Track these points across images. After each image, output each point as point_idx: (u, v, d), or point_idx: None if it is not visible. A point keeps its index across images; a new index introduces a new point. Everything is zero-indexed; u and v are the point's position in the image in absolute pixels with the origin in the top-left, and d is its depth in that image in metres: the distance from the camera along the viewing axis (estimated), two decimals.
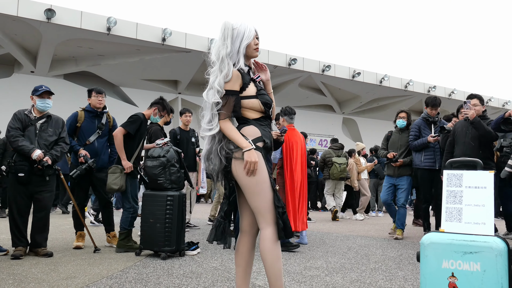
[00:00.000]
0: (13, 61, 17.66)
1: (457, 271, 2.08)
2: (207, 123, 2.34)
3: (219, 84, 2.31)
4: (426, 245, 2.17)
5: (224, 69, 2.33)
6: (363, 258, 4.56)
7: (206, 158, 2.38)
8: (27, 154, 4.23)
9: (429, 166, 5.82)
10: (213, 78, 2.35)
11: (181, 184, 4.67)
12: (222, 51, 2.35)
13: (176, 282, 3.36)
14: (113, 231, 4.95)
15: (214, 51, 2.40)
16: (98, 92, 5.00)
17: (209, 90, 2.36)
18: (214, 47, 2.41)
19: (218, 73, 2.34)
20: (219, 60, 2.35)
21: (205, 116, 2.36)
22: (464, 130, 5.07)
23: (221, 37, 2.39)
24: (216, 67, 2.36)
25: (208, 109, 2.34)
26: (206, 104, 2.36)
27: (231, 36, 2.38)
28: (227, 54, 2.35)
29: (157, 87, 20.68)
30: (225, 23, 2.40)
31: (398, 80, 23.11)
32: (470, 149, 4.93)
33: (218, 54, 2.36)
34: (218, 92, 2.31)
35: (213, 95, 2.32)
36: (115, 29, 15.54)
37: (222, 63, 2.34)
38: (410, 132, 6.13)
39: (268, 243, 2.29)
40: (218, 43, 2.40)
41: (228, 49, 2.36)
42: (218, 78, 2.32)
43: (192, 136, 6.66)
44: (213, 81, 2.34)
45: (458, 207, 2.26)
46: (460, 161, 2.48)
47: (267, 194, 2.30)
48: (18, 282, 3.28)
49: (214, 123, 2.32)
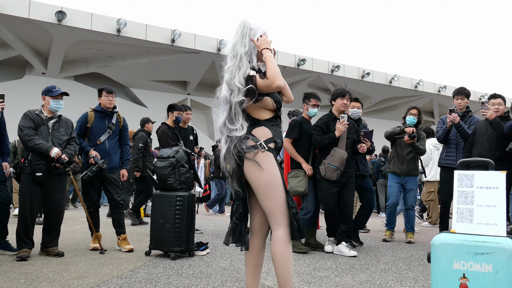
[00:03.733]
0: (25, 63, 17.88)
1: (469, 272, 2.07)
2: (230, 123, 2.32)
3: (240, 82, 2.31)
4: (437, 246, 2.15)
5: (243, 66, 2.34)
6: (372, 259, 4.54)
7: (224, 157, 2.37)
8: (44, 153, 4.24)
9: (450, 164, 5.37)
10: (230, 76, 2.35)
11: (191, 185, 4.69)
12: (240, 49, 2.37)
13: (185, 282, 3.37)
14: (124, 233, 4.90)
15: (231, 48, 2.41)
16: (108, 92, 5.02)
17: (228, 90, 2.34)
18: (230, 43, 2.43)
19: (236, 71, 2.34)
20: (237, 57, 2.36)
21: (223, 115, 2.34)
22: (483, 131, 4.99)
23: (239, 34, 2.41)
24: (233, 64, 2.36)
25: (227, 109, 2.33)
26: (224, 102, 2.35)
27: (248, 35, 2.41)
28: (245, 52, 2.37)
29: (166, 88, 20.79)
30: (244, 21, 2.43)
31: (408, 80, 22.97)
32: (486, 150, 4.85)
33: (236, 52, 2.38)
34: (239, 90, 2.30)
35: (235, 94, 2.31)
36: (124, 30, 15.67)
37: (241, 61, 2.35)
38: (436, 127, 5.69)
39: (279, 244, 2.29)
40: (235, 40, 2.41)
41: (246, 48, 2.38)
42: (237, 76, 2.32)
43: (190, 134, 6.62)
44: (230, 79, 2.34)
45: (469, 207, 2.24)
46: (471, 161, 2.45)
47: (279, 195, 2.30)
48: (30, 281, 3.32)
49: (238, 122, 2.31)
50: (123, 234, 4.87)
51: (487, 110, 4.88)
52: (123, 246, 4.77)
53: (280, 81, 2.34)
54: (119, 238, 4.86)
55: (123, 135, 5.18)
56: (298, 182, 4.94)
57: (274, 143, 2.36)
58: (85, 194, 4.96)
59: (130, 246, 4.77)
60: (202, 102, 20.97)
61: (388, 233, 6.03)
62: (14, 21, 14.47)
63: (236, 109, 2.31)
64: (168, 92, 20.63)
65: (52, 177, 4.35)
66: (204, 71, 19.38)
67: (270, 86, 2.34)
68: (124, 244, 4.80)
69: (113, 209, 4.97)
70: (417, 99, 23.86)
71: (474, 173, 2.27)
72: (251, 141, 2.31)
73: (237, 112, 2.32)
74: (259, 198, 2.33)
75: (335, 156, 4.83)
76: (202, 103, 20.96)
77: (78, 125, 4.91)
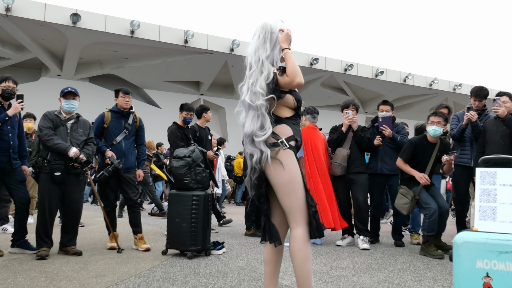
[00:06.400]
0: (41, 65, 18.14)
1: (492, 271, 2.03)
2: (259, 129, 2.29)
3: (261, 87, 2.30)
4: (459, 244, 2.12)
5: (265, 70, 2.33)
6: (390, 259, 4.50)
7: (249, 156, 2.34)
8: (63, 152, 4.30)
9: (465, 162, 5.21)
10: (253, 81, 2.34)
11: (207, 184, 4.70)
12: (262, 54, 2.36)
13: (203, 281, 3.38)
14: (141, 233, 4.93)
15: (252, 53, 2.39)
16: (125, 93, 5.06)
17: (252, 94, 2.33)
18: (251, 47, 2.41)
19: (258, 75, 2.34)
20: (259, 62, 2.35)
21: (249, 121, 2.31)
22: (495, 129, 4.89)
23: (260, 39, 2.40)
24: (255, 69, 2.35)
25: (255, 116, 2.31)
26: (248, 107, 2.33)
27: (269, 39, 2.41)
28: (267, 57, 2.37)
29: (179, 89, 20.90)
30: (264, 24, 2.42)
31: (422, 79, 22.71)
32: (501, 148, 4.74)
33: (258, 57, 2.36)
34: (261, 95, 2.30)
35: (256, 98, 2.30)
36: (138, 31, 15.79)
37: (263, 66, 2.34)
38: (450, 125, 5.50)
39: (298, 243, 2.28)
40: (257, 45, 2.40)
41: (267, 52, 2.38)
42: (259, 81, 2.31)
43: (208, 134, 6.64)
44: (253, 84, 2.33)
45: (492, 205, 2.20)
46: (493, 158, 2.42)
47: (299, 193, 2.29)
48: (50, 279, 3.36)
49: (267, 126, 2.29)
50: (140, 234, 4.91)
51: (499, 107, 4.79)
52: (140, 245, 4.81)
53: (301, 78, 2.32)
54: (136, 237, 4.90)
55: (139, 136, 5.22)
56: (404, 204, 4.85)
57: (295, 141, 2.36)
58: (101, 194, 5.00)
59: (147, 245, 4.81)
60: (215, 103, 21.02)
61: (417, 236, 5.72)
62: (30, 24, 14.69)
63: (261, 112, 2.29)
64: (181, 93, 20.73)
65: (70, 177, 4.41)
66: (217, 71, 19.42)
67: (291, 84, 2.33)
68: (141, 243, 4.83)
69: (130, 208, 5.00)
70: (432, 97, 23.58)
71: (497, 171, 2.24)
72: (272, 138, 2.31)
73: (263, 116, 2.30)
74: (279, 196, 2.32)
75: (337, 155, 5.47)
76: (215, 103, 21.01)
77: (95, 126, 4.97)
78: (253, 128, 2.29)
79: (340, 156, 5.44)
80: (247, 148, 2.34)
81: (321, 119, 6.08)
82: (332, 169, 5.50)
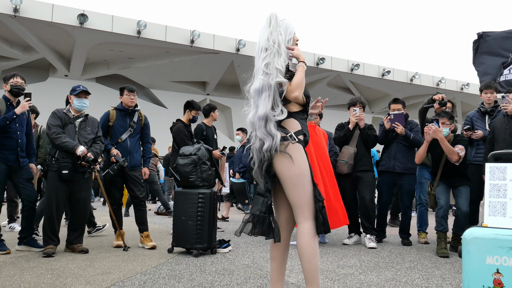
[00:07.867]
0: (48, 65, 18.26)
1: (502, 267, 1.99)
2: (271, 110, 2.26)
3: (280, 64, 2.28)
4: (468, 240, 2.08)
5: (283, 53, 2.32)
6: (397, 257, 4.45)
7: (258, 149, 2.31)
8: (71, 151, 4.31)
9: (480, 161, 5.11)
10: (269, 60, 2.29)
11: (212, 182, 4.68)
12: (278, 37, 2.33)
13: (209, 279, 3.37)
14: (147, 231, 4.93)
15: (265, 37, 2.35)
16: (130, 91, 5.06)
17: (266, 75, 2.28)
18: (262, 34, 2.37)
19: (275, 55, 2.29)
20: (275, 44, 2.31)
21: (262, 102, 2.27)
22: (504, 127, 4.82)
23: (273, 24, 2.36)
24: (271, 51, 2.30)
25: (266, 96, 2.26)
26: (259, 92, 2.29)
27: (280, 25, 2.38)
28: (284, 39, 2.35)
29: (185, 89, 20.94)
30: (273, 13, 2.40)
31: (429, 78, 22.58)
32: (510, 146, 4.68)
33: (273, 40, 2.32)
34: (279, 72, 2.27)
35: (274, 76, 2.25)
36: (145, 32, 15.84)
37: (280, 47, 2.31)
38: (464, 126, 5.43)
39: (307, 238, 2.25)
40: (270, 30, 2.35)
41: (282, 36, 2.36)
42: (277, 60, 2.28)
43: (214, 133, 6.62)
44: (268, 64, 2.28)
45: (502, 201, 2.16)
46: (503, 153, 2.38)
47: (307, 188, 2.27)
48: (56, 277, 3.36)
49: (279, 108, 2.27)
50: (146, 232, 4.90)
51: (508, 104, 4.73)
52: (146, 243, 4.80)
53: (300, 94, 2.31)
54: (142, 235, 4.89)
55: (145, 133, 5.21)
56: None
57: (303, 136, 2.34)
58: (107, 192, 5.00)
59: (153, 243, 4.80)
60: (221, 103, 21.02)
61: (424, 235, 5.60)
62: (37, 24, 14.79)
63: (276, 93, 2.26)
64: (188, 93, 20.77)
65: (78, 175, 4.42)
66: (223, 71, 19.43)
67: (290, 93, 2.31)
68: (147, 241, 4.83)
69: (136, 206, 5.00)
70: None
71: (507, 166, 2.20)
72: (282, 132, 2.28)
73: (276, 97, 2.27)
74: (286, 190, 2.30)
75: (344, 152, 5.46)
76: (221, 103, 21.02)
77: (100, 124, 4.97)
78: (266, 109, 2.25)
79: (346, 154, 5.43)
80: (259, 133, 2.28)
81: (327, 119, 6.07)
82: (339, 167, 5.49)
